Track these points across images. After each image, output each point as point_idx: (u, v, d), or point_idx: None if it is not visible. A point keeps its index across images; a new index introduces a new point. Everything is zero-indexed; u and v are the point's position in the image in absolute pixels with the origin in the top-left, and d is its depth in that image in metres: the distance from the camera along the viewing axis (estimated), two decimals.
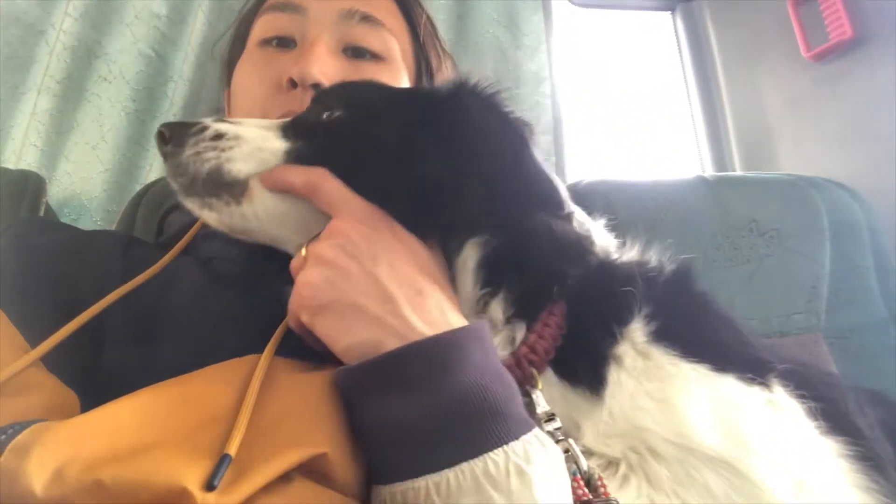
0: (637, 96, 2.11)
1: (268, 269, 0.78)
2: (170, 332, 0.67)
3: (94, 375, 0.60)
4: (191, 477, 0.47)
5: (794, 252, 1.33)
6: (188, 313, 0.70)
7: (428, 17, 1.07)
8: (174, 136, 0.68)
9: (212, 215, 0.69)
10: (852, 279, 1.35)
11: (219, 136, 0.68)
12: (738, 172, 1.84)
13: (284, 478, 0.51)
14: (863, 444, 0.59)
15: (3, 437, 0.46)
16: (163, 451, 0.49)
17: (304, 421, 0.55)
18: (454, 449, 0.50)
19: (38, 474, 0.44)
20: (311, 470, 0.53)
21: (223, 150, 0.67)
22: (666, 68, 2.08)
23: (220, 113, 1.05)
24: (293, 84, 0.86)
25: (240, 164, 0.67)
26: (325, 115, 0.73)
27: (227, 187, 0.67)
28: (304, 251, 0.64)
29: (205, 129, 0.68)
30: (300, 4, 0.92)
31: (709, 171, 1.92)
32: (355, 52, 0.93)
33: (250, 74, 0.93)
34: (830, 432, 0.59)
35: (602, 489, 0.54)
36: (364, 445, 0.56)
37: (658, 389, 0.59)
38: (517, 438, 0.51)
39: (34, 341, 0.58)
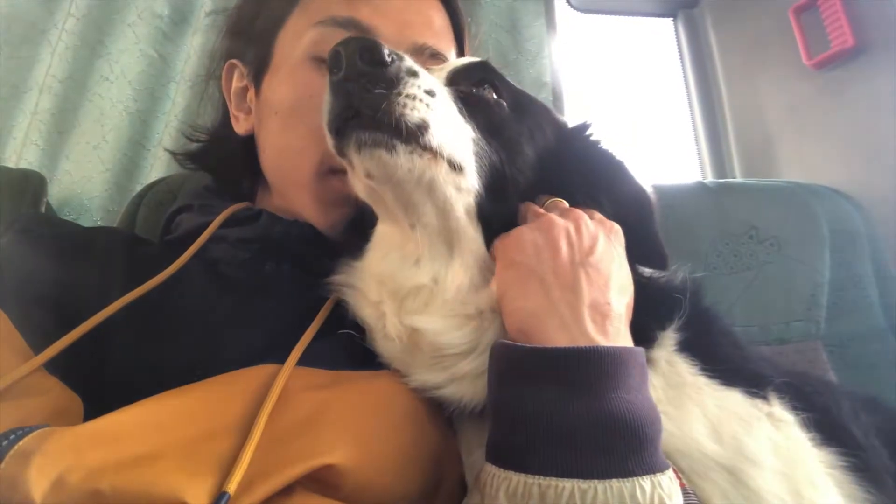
0: (638, 102, 2.11)
1: (274, 275, 0.78)
2: (174, 334, 0.67)
3: (98, 378, 0.60)
4: (191, 491, 0.47)
5: (793, 260, 1.33)
6: (192, 316, 0.70)
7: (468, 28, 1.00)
8: (388, 63, 0.60)
9: (381, 155, 0.60)
10: (852, 288, 1.35)
11: (431, 93, 0.63)
12: (739, 179, 1.84)
13: (285, 490, 0.51)
14: (856, 454, 0.61)
15: (5, 442, 0.46)
16: (165, 463, 0.48)
17: (314, 433, 0.55)
18: (608, 462, 0.51)
19: (38, 482, 0.44)
20: (317, 479, 0.53)
21: (432, 109, 0.62)
22: (667, 74, 2.08)
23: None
24: None
25: (440, 136, 0.62)
26: (493, 97, 0.73)
27: (417, 144, 0.61)
28: (542, 208, 0.69)
29: (415, 74, 0.62)
30: (368, 26, 0.81)
31: (709, 178, 1.92)
32: None
33: (302, 96, 0.83)
34: (825, 443, 0.61)
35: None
36: (500, 423, 0.57)
37: (676, 397, 0.62)
38: (663, 472, 0.52)
39: (35, 341, 0.57)
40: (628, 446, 0.51)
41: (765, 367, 0.69)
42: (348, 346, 0.71)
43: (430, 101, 0.62)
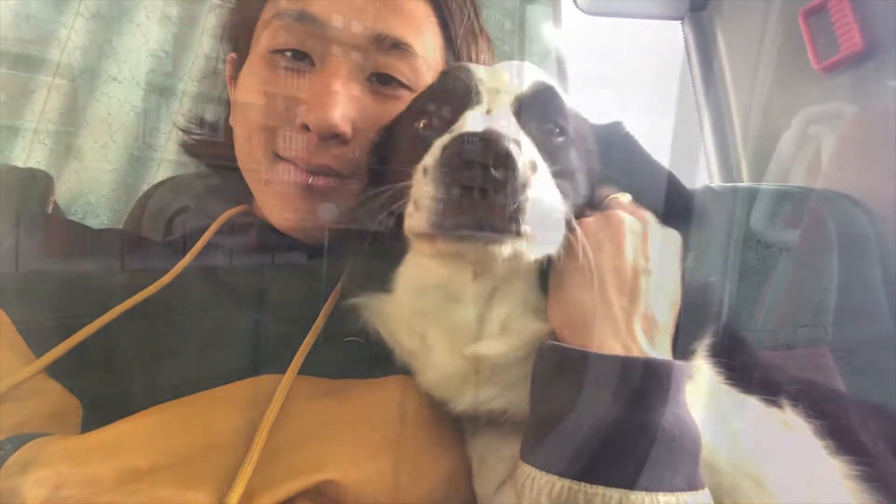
0: (645, 105, 2.10)
1: (273, 284, 0.78)
2: (175, 342, 0.66)
3: (97, 383, 0.60)
4: None
5: (801, 264, 1.32)
6: (193, 325, 0.69)
7: (473, 6, 0.95)
8: (518, 168, 0.56)
9: (485, 248, 0.57)
10: (860, 293, 1.34)
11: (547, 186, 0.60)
12: (746, 183, 1.83)
13: (287, 502, 0.51)
14: (867, 463, 0.61)
15: (2, 452, 0.46)
16: (164, 476, 0.48)
17: (316, 447, 0.55)
18: (656, 476, 0.51)
19: (34, 494, 0.43)
20: (319, 492, 0.53)
21: (546, 202, 0.60)
22: (674, 77, 2.07)
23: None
24: (307, 127, 0.77)
25: (543, 223, 0.59)
26: (558, 138, 0.70)
27: (521, 235, 0.57)
28: (606, 202, 0.68)
29: (535, 168, 0.58)
30: (321, 19, 0.78)
31: (716, 181, 1.91)
32: (381, 79, 0.83)
33: (258, 91, 0.82)
34: (838, 451, 0.61)
35: None
36: (546, 425, 0.56)
37: (701, 405, 0.61)
38: (704, 488, 0.53)
39: (37, 344, 0.57)
40: (675, 461, 0.51)
41: (775, 374, 0.68)
42: (353, 353, 0.70)
43: (547, 197, 0.59)
